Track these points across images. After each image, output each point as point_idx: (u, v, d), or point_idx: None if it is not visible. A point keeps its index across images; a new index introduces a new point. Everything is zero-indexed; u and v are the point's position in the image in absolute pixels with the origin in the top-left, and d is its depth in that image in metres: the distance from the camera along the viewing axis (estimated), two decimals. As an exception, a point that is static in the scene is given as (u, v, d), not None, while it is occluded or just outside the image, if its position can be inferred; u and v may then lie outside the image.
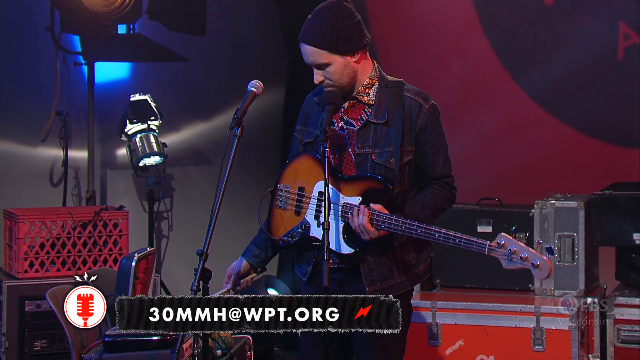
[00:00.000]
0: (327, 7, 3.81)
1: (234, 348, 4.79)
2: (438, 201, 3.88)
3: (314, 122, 3.97)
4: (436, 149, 3.89)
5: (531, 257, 3.58)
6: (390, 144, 3.82)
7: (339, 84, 3.85)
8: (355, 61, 3.84)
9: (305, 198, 3.90)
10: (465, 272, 6.01)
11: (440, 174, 3.90)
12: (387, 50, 7.35)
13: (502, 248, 3.61)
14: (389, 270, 3.88)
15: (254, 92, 3.87)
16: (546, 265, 3.56)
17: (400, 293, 3.88)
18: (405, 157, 3.85)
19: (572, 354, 5.45)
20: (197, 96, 7.37)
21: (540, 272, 3.58)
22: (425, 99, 3.91)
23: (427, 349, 5.66)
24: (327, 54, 3.80)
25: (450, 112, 7.06)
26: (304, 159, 3.95)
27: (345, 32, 3.79)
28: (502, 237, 3.61)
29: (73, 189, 6.96)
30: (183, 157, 7.27)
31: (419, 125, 3.86)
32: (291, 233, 3.93)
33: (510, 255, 3.60)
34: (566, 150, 6.73)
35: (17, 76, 6.78)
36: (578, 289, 5.73)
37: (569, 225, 5.76)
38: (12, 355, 5.78)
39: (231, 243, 6.12)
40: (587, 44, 6.64)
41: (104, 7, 6.47)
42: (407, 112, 3.85)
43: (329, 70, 3.82)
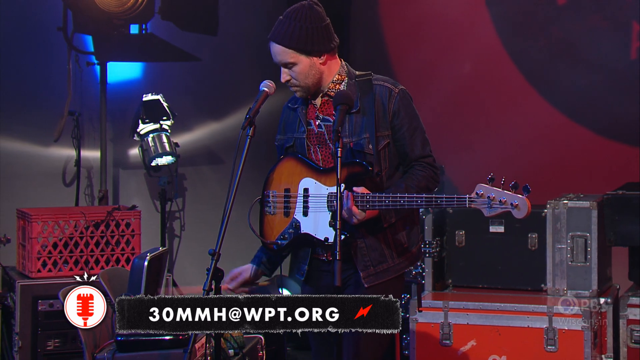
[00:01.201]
0: (298, 9, 3.94)
1: (246, 348, 4.80)
2: (421, 180, 3.95)
3: (291, 127, 4.07)
4: (412, 131, 3.97)
5: (509, 198, 3.65)
6: (366, 130, 3.91)
7: (304, 84, 3.95)
8: (321, 62, 3.94)
9: (292, 198, 3.98)
10: (478, 272, 6.00)
11: (420, 155, 3.98)
12: (398, 49, 7.35)
13: (481, 198, 3.70)
14: (380, 254, 3.95)
15: (266, 92, 3.92)
16: (524, 203, 3.63)
17: (395, 276, 3.97)
18: (383, 141, 3.93)
19: (584, 354, 5.43)
20: (209, 96, 7.38)
21: (519, 211, 3.65)
22: (394, 84, 3.99)
23: (440, 349, 5.66)
24: (293, 54, 3.90)
25: (462, 111, 7.06)
26: (286, 162, 4.04)
27: (312, 33, 3.90)
28: (481, 187, 3.70)
29: (86, 188, 6.98)
30: (195, 157, 7.28)
31: (392, 110, 3.95)
32: (283, 235, 4.00)
33: (490, 203, 3.68)
34: (579, 149, 6.71)
35: (30, 76, 6.81)
36: (591, 289, 5.71)
37: (582, 225, 5.74)
38: (25, 354, 5.80)
39: (243, 243, 6.11)
40: (601, 43, 6.62)
41: (117, 7, 6.49)
42: (377, 97, 3.95)
43: (295, 69, 3.92)
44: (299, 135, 4.02)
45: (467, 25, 7.04)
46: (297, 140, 4.03)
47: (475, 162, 6.94)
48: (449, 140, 6.89)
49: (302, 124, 4.02)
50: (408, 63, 7.27)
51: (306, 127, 4.01)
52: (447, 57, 7.11)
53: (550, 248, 5.76)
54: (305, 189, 3.94)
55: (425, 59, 7.17)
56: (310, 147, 4.00)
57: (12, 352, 5.85)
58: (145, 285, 4.58)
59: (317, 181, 3.93)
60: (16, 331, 5.80)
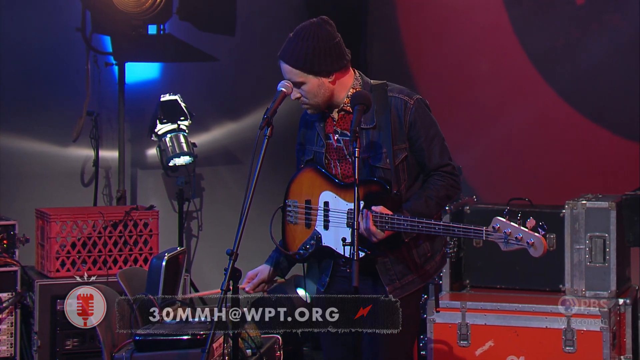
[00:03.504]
0: (307, 27, 3.91)
1: (263, 348, 4.80)
2: (440, 190, 3.93)
3: (310, 139, 4.07)
4: (429, 141, 3.95)
5: (525, 236, 3.66)
6: (383, 145, 3.90)
7: (314, 102, 3.93)
8: (330, 82, 3.91)
9: (312, 210, 3.99)
10: (495, 272, 5.98)
11: (439, 164, 3.96)
12: (415, 49, 7.34)
13: (497, 232, 3.70)
14: (405, 266, 3.94)
15: (283, 92, 3.91)
16: (540, 242, 3.64)
17: (419, 287, 3.97)
18: (400, 154, 3.92)
19: (603, 355, 5.41)
20: (227, 96, 7.39)
21: (535, 250, 3.67)
22: (409, 95, 3.97)
23: (457, 349, 5.65)
24: (301, 74, 3.88)
25: (480, 111, 7.05)
26: (307, 173, 4.04)
27: (320, 54, 3.87)
28: (497, 221, 3.70)
29: (104, 188, 7.00)
30: (213, 157, 7.29)
31: (408, 122, 3.93)
32: (305, 246, 4.01)
33: (507, 238, 3.69)
34: (597, 149, 6.69)
35: (49, 77, 6.84)
36: (609, 289, 5.68)
37: (601, 225, 5.71)
38: (44, 353, 5.82)
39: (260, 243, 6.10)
40: (619, 43, 6.59)
41: (135, 8, 6.51)
42: (394, 111, 3.93)
43: (303, 88, 3.90)
44: (318, 149, 4.02)
45: (486, 26, 7.02)
46: (317, 154, 4.02)
47: (494, 162, 6.93)
48: (468, 141, 6.87)
49: (321, 138, 4.01)
50: (425, 64, 7.26)
51: (325, 141, 4.01)
52: (464, 57, 7.09)
53: (568, 248, 5.74)
54: (326, 202, 3.95)
55: (443, 59, 7.16)
56: (330, 162, 4.00)
57: (31, 351, 5.88)
58: (163, 285, 4.60)
59: (336, 195, 3.93)
60: (35, 330, 5.83)
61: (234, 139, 7.34)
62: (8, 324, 5.83)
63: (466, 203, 6.06)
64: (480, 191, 6.71)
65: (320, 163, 4.01)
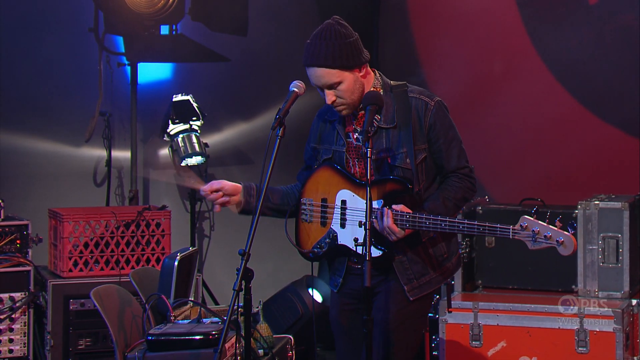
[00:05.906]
0: (326, 28, 3.90)
1: (275, 348, 4.80)
2: (457, 192, 3.95)
3: (328, 138, 4.07)
4: (448, 143, 3.97)
5: (555, 235, 3.66)
6: (404, 145, 3.91)
7: (350, 101, 3.92)
8: (362, 75, 3.92)
9: (329, 209, 3.99)
10: (507, 273, 5.98)
11: (457, 166, 3.98)
12: (427, 50, 7.33)
13: (525, 230, 3.69)
14: (422, 266, 3.96)
15: (296, 93, 3.91)
16: (570, 241, 3.65)
17: (436, 288, 4.01)
18: (420, 155, 3.93)
19: (616, 356, 5.40)
20: (239, 96, 7.39)
21: (565, 248, 3.67)
22: (430, 97, 3.98)
23: (469, 350, 5.64)
24: (338, 72, 3.87)
25: (493, 111, 7.03)
26: (323, 171, 4.04)
27: (348, 48, 3.86)
28: (525, 220, 3.69)
29: (116, 188, 7.02)
30: (225, 157, 7.30)
31: (428, 123, 3.94)
32: (320, 244, 4.01)
33: (535, 236, 3.68)
34: (610, 150, 6.66)
35: (62, 77, 6.86)
36: (622, 290, 5.67)
37: (613, 226, 5.70)
38: (56, 353, 5.84)
39: (272, 243, 6.14)
40: (632, 43, 6.57)
41: (147, 8, 6.52)
42: (414, 111, 3.94)
43: (341, 88, 3.89)
44: (338, 148, 4.02)
45: (497, 25, 7.01)
46: (337, 153, 4.03)
47: (507, 162, 6.92)
48: (480, 140, 6.86)
49: (341, 137, 4.02)
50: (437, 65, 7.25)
51: (345, 140, 4.01)
52: (476, 58, 7.08)
53: (581, 249, 5.72)
54: (343, 200, 3.95)
55: (455, 60, 7.14)
56: (350, 160, 4.01)
57: (44, 351, 5.90)
58: (175, 285, 4.60)
59: (354, 194, 3.93)
60: (48, 330, 5.85)
61: (246, 139, 7.34)
62: (21, 323, 5.85)
63: (478, 203, 6.06)
64: (493, 191, 6.70)
65: (341, 162, 4.01)
